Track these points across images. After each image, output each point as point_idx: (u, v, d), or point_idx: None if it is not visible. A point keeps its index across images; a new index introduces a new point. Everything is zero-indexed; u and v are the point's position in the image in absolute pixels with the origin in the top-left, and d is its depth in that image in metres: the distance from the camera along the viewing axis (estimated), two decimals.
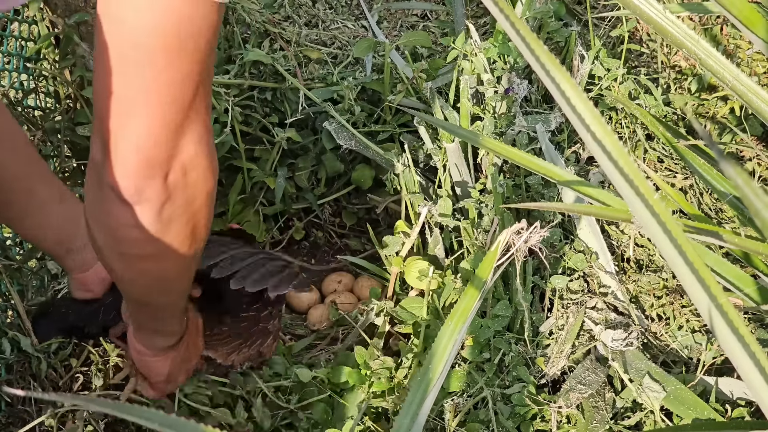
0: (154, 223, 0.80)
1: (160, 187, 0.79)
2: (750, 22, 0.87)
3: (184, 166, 0.80)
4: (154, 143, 0.77)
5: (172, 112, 0.77)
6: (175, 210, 0.81)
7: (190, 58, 0.76)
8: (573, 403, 1.14)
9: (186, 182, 0.81)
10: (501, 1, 0.55)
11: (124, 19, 0.74)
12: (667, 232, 0.55)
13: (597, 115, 0.57)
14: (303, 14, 1.98)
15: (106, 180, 0.78)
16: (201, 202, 0.84)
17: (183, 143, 0.79)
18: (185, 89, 0.77)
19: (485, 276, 0.84)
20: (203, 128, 0.81)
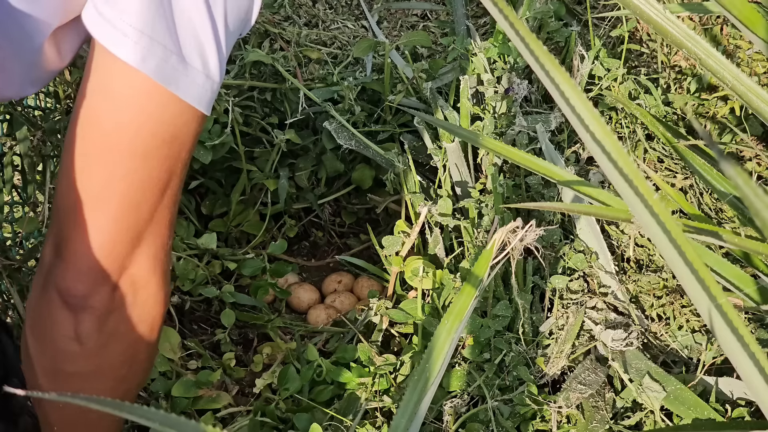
0: (94, 334, 0.76)
1: (107, 297, 0.75)
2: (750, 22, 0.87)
3: (135, 282, 0.76)
4: (110, 248, 0.74)
5: (133, 217, 0.74)
6: (118, 327, 0.77)
7: (162, 164, 0.74)
8: (573, 403, 1.14)
9: (134, 300, 0.77)
10: (500, 2, 0.54)
11: (101, 115, 0.72)
12: (667, 232, 0.55)
13: (596, 116, 0.57)
14: (303, 14, 1.98)
15: (53, 281, 0.75)
16: (145, 329, 0.79)
17: (138, 255, 0.75)
18: (151, 196, 0.74)
19: (481, 274, 0.84)
20: (161, 247, 0.77)
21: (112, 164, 0.72)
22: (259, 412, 1.18)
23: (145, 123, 0.72)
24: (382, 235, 1.38)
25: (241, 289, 1.50)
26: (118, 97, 0.72)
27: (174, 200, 0.78)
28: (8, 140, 1.30)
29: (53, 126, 1.39)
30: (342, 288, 1.54)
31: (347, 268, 1.60)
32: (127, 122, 0.72)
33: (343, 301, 1.49)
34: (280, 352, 1.32)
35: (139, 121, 0.72)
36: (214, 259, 1.49)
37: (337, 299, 1.50)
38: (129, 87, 0.71)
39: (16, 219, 1.41)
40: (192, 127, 0.75)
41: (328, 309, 1.47)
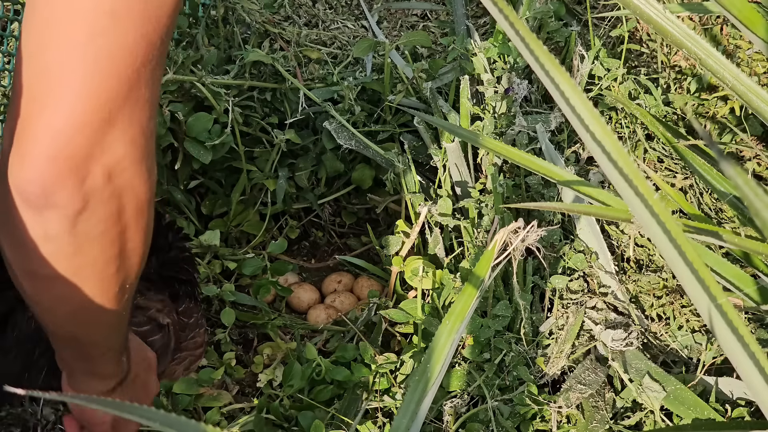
0: (65, 236, 0.64)
1: (73, 192, 0.62)
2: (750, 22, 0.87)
3: (108, 170, 0.63)
4: (74, 132, 0.61)
5: (103, 94, 0.61)
6: (95, 224, 0.65)
7: (136, 27, 0.61)
8: (573, 403, 1.14)
9: (110, 190, 0.64)
10: (500, 2, 0.55)
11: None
12: (667, 232, 0.55)
13: (596, 116, 0.57)
14: (303, 14, 1.98)
15: (11, 176, 0.63)
16: (130, 216, 0.67)
17: (110, 140, 0.62)
18: (124, 66, 0.61)
19: (482, 275, 0.84)
20: (140, 127, 0.64)
21: (74, 25, 0.60)
22: (264, 408, 1.18)
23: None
24: (382, 235, 1.38)
25: (241, 288, 1.50)
26: None
27: (153, 75, 0.64)
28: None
29: None
30: (342, 288, 1.54)
31: (347, 268, 1.60)
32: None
33: (343, 301, 1.49)
34: (280, 352, 1.32)
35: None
36: (214, 258, 1.49)
37: (337, 299, 1.50)
38: None
39: None
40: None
41: (328, 309, 1.47)
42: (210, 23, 1.65)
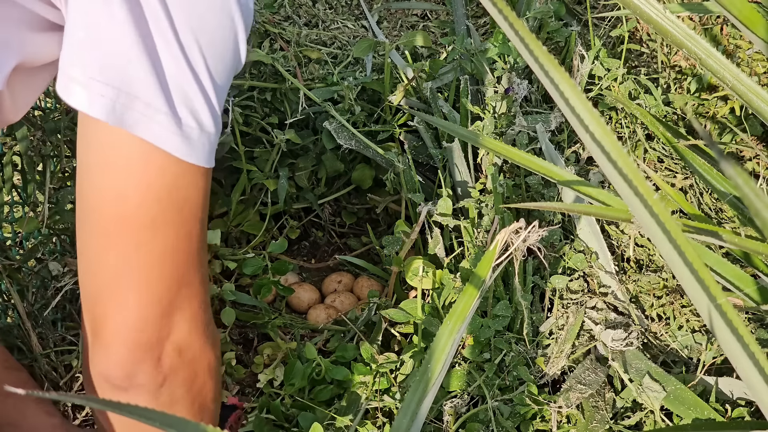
0: (153, 403, 0.75)
1: (153, 371, 0.73)
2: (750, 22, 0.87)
3: (179, 347, 0.74)
4: (143, 324, 0.71)
5: (161, 288, 0.71)
6: (175, 392, 0.76)
7: (176, 228, 0.71)
8: (573, 403, 1.14)
9: (182, 362, 0.75)
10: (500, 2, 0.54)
11: (102, 191, 0.70)
12: (667, 232, 0.55)
13: (596, 116, 0.57)
14: (303, 14, 1.98)
15: (96, 367, 0.73)
16: (203, 379, 0.78)
17: (175, 321, 0.73)
18: (175, 263, 0.72)
19: (484, 275, 0.84)
20: (197, 304, 0.75)
21: (122, 239, 0.70)
22: (265, 408, 1.18)
23: (147, 190, 0.69)
24: (382, 235, 1.38)
25: (241, 288, 1.49)
26: (114, 168, 0.69)
27: (200, 260, 0.75)
28: (8, 140, 1.30)
29: (53, 126, 1.39)
30: (342, 288, 1.54)
31: (347, 268, 1.60)
32: (128, 193, 0.69)
33: (343, 301, 1.49)
34: (281, 351, 1.32)
35: (140, 190, 0.69)
36: (214, 258, 1.49)
37: (337, 299, 1.50)
38: (123, 154, 0.69)
39: (16, 219, 1.41)
40: (199, 185, 0.73)
41: (328, 309, 1.47)
42: None
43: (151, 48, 0.67)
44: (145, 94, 0.68)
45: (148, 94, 0.68)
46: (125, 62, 0.67)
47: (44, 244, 1.38)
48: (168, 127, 0.69)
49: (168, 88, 0.68)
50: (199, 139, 0.71)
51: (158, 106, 0.68)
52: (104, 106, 0.67)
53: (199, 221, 0.74)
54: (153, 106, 0.68)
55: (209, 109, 0.71)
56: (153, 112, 0.68)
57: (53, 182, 1.35)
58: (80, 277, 0.74)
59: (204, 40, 0.70)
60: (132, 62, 0.67)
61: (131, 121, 0.68)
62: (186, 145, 0.70)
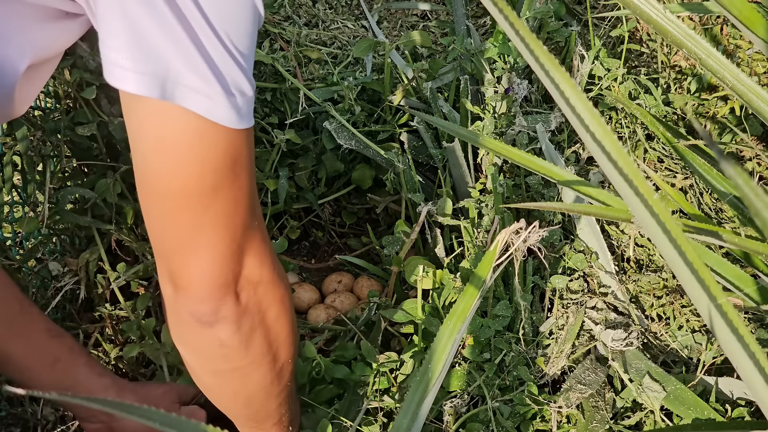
0: (234, 336, 0.84)
1: (234, 304, 0.82)
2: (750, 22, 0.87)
3: (252, 281, 0.84)
4: (221, 268, 0.80)
5: (229, 237, 0.80)
6: (253, 321, 0.85)
7: (233, 186, 0.78)
8: (573, 403, 1.14)
9: (256, 294, 0.84)
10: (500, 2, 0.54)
11: (164, 173, 0.76)
12: (667, 232, 0.55)
13: (596, 116, 0.57)
14: (303, 14, 1.98)
15: (183, 309, 0.82)
16: (276, 311, 0.87)
17: (246, 261, 0.83)
18: (237, 214, 0.80)
19: (484, 275, 0.84)
20: (260, 242, 0.84)
21: (190, 207, 0.77)
22: None
23: (204, 163, 0.75)
24: (382, 235, 1.38)
25: None
26: (170, 145, 0.74)
27: (254, 203, 0.83)
28: (8, 140, 1.30)
29: (53, 126, 1.39)
30: (342, 288, 1.54)
31: (347, 268, 1.60)
32: (188, 171, 0.75)
33: (343, 301, 1.49)
34: None
35: (198, 164, 0.75)
36: None
37: (337, 299, 1.50)
38: (178, 130, 0.74)
39: (16, 219, 1.41)
40: (245, 144, 0.78)
41: (328, 309, 1.47)
42: None
43: (189, 29, 0.71)
44: (191, 70, 0.71)
45: (194, 70, 0.71)
46: (168, 43, 0.70)
47: (44, 244, 1.38)
48: (217, 100, 0.73)
49: (211, 62, 0.72)
50: (243, 105, 0.75)
51: (206, 81, 0.72)
52: (155, 85, 0.71)
53: (250, 171, 0.81)
54: (201, 81, 0.72)
55: (244, 74, 0.75)
56: (202, 86, 0.72)
57: (53, 182, 1.35)
58: (152, 239, 0.82)
59: (227, 13, 0.73)
60: (174, 43, 0.70)
61: (181, 96, 0.72)
62: (234, 113, 0.74)
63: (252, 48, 0.78)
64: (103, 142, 1.34)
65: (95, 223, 1.30)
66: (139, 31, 0.70)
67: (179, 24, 0.70)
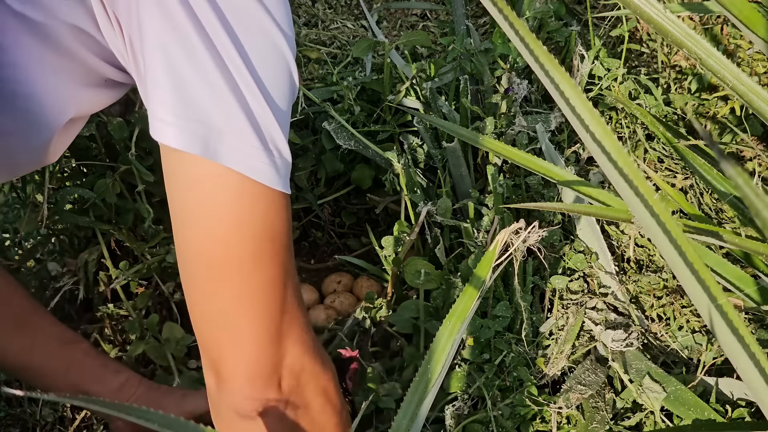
0: (279, 426, 0.80)
1: (276, 396, 0.79)
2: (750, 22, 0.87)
3: (293, 370, 0.80)
4: (258, 356, 0.77)
5: (267, 318, 0.77)
6: (296, 415, 0.82)
7: (272, 261, 0.76)
8: (573, 404, 1.14)
9: (299, 384, 0.81)
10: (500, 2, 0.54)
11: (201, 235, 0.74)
12: (667, 233, 0.55)
13: (596, 116, 0.57)
14: (302, 14, 1.97)
15: (227, 404, 0.79)
16: (321, 403, 0.84)
17: (286, 347, 0.79)
18: (274, 293, 0.77)
19: (484, 275, 0.84)
20: (300, 327, 0.81)
21: (226, 280, 0.75)
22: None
23: (242, 227, 0.73)
24: (382, 235, 1.38)
25: None
26: (209, 204, 0.73)
27: (295, 283, 0.80)
28: None
29: None
30: (342, 288, 1.54)
31: (347, 268, 1.60)
32: (227, 234, 0.73)
33: (342, 301, 1.49)
34: None
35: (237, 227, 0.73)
36: None
37: (337, 300, 1.49)
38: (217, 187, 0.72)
39: (16, 219, 1.41)
40: (285, 213, 0.76)
41: (328, 309, 1.46)
42: None
43: (232, 84, 0.71)
44: (233, 127, 0.71)
45: (236, 127, 0.71)
46: (212, 99, 0.70)
47: (43, 245, 1.38)
48: (258, 158, 0.72)
49: (253, 120, 0.72)
50: (282, 167, 0.74)
51: (247, 138, 0.72)
52: (196, 140, 0.70)
53: (289, 249, 0.78)
54: (242, 138, 0.71)
55: (284, 137, 0.75)
56: (243, 144, 0.71)
57: (52, 182, 1.34)
58: (194, 324, 0.79)
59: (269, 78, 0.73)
60: (218, 99, 0.70)
61: (223, 153, 0.71)
62: (274, 173, 0.73)
63: (288, 114, 0.77)
64: (102, 142, 1.34)
65: (94, 224, 1.30)
66: (182, 84, 0.69)
67: (222, 77, 0.70)
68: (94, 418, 1.24)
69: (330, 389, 0.86)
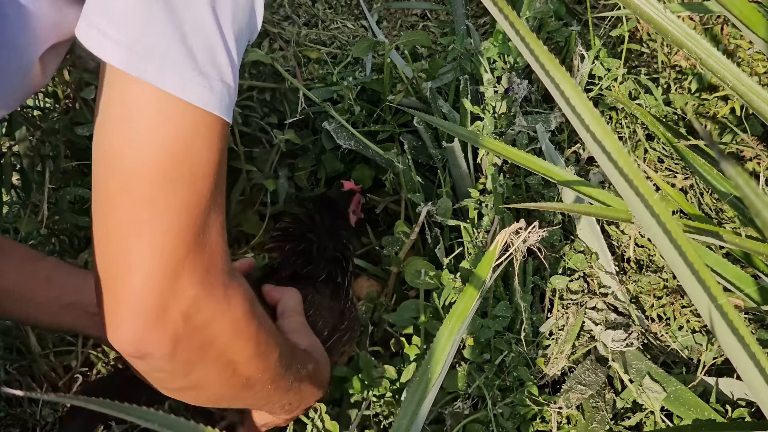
0: (169, 367, 0.73)
1: (161, 340, 0.71)
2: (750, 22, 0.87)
3: (186, 312, 0.71)
4: (148, 288, 0.69)
5: (167, 249, 0.69)
6: (189, 358, 0.74)
7: (187, 187, 0.69)
8: (573, 404, 1.14)
9: (192, 327, 0.72)
10: (500, 1, 0.54)
11: (116, 150, 0.69)
12: (667, 233, 0.55)
13: (597, 116, 0.57)
14: (302, 14, 1.97)
15: (108, 336, 0.72)
16: (224, 340, 0.76)
17: (183, 286, 0.70)
18: (183, 223, 0.69)
19: (484, 275, 0.84)
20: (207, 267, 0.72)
21: (137, 193, 0.68)
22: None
23: (161, 143, 0.68)
24: (382, 235, 1.38)
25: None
26: (129, 118, 0.68)
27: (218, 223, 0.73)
28: (7, 140, 1.30)
29: (52, 126, 1.39)
30: None
31: None
32: (146, 147, 0.68)
33: None
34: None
35: (154, 143, 0.68)
36: None
37: None
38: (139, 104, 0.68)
39: (16, 219, 1.40)
40: (215, 142, 0.71)
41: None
42: None
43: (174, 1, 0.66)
44: (163, 44, 0.66)
45: (166, 44, 0.66)
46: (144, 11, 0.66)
47: (43, 245, 1.38)
48: (190, 78, 0.67)
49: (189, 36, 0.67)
50: (220, 91, 0.69)
51: (177, 56, 0.67)
52: (122, 53, 0.66)
53: (213, 181, 0.71)
54: (171, 56, 0.67)
55: (230, 60, 0.70)
56: (171, 62, 0.67)
57: (52, 182, 1.34)
58: (95, 247, 0.72)
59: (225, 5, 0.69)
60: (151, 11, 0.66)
61: (150, 70, 0.66)
62: (207, 95, 0.68)
63: (243, 42, 0.72)
64: None
65: None
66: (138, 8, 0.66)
67: None
68: None
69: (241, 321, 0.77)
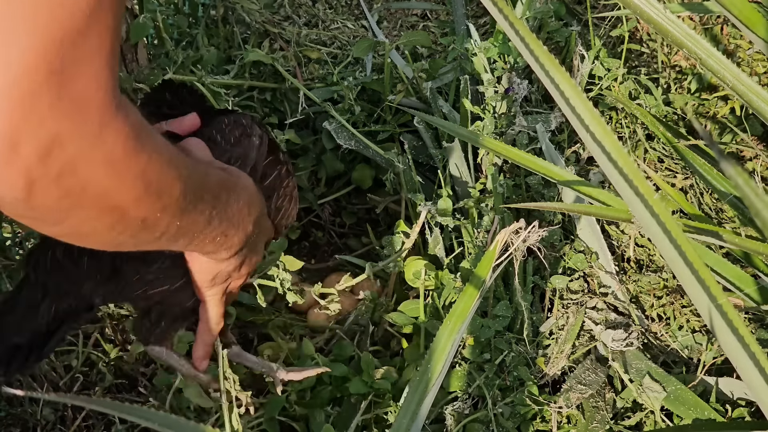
0: (33, 216, 0.60)
1: (11, 184, 0.56)
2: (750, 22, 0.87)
3: (43, 151, 0.55)
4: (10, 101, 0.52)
5: (25, 61, 0.52)
6: (57, 202, 0.59)
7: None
8: (573, 404, 1.14)
9: (54, 170, 0.57)
10: (500, 2, 0.54)
11: None
12: (667, 232, 0.55)
13: (596, 116, 0.57)
14: (303, 14, 1.98)
15: None
16: (102, 182, 0.60)
17: (38, 118, 0.54)
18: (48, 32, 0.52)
19: (484, 275, 0.84)
20: (74, 100, 0.55)
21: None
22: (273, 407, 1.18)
23: None
24: (382, 235, 1.38)
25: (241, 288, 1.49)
26: None
27: (101, 43, 0.56)
28: None
29: None
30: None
31: (347, 268, 1.60)
32: None
33: (343, 301, 1.49)
34: (281, 351, 1.32)
35: None
36: None
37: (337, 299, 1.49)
38: None
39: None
40: None
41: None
42: (210, 23, 1.65)
43: None
44: None
45: None
46: None
47: None
48: None
49: None
50: None
51: None
52: None
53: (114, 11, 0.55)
54: None
55: None
56: None
57: None
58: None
59: None
60: None
61: None
62: None
63: None
64: None
65: None
66: None
67: None
68: (95, 417, 1.25)
69: (118, 161, 0.60)
